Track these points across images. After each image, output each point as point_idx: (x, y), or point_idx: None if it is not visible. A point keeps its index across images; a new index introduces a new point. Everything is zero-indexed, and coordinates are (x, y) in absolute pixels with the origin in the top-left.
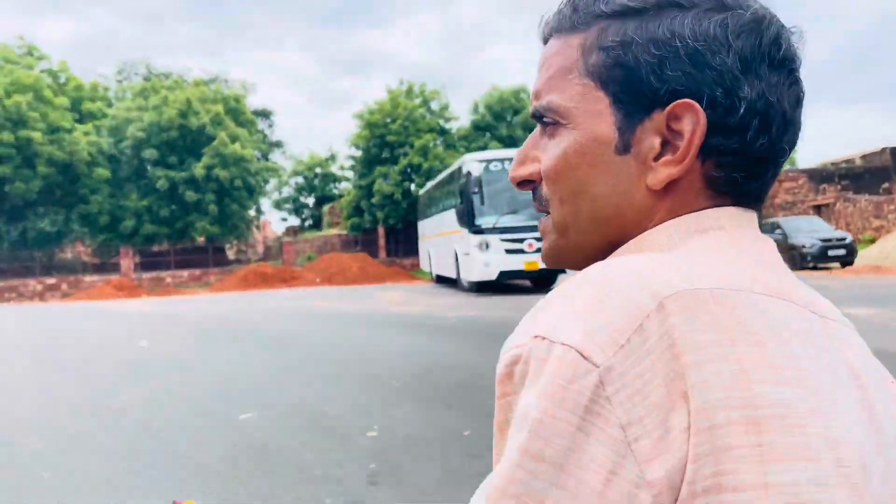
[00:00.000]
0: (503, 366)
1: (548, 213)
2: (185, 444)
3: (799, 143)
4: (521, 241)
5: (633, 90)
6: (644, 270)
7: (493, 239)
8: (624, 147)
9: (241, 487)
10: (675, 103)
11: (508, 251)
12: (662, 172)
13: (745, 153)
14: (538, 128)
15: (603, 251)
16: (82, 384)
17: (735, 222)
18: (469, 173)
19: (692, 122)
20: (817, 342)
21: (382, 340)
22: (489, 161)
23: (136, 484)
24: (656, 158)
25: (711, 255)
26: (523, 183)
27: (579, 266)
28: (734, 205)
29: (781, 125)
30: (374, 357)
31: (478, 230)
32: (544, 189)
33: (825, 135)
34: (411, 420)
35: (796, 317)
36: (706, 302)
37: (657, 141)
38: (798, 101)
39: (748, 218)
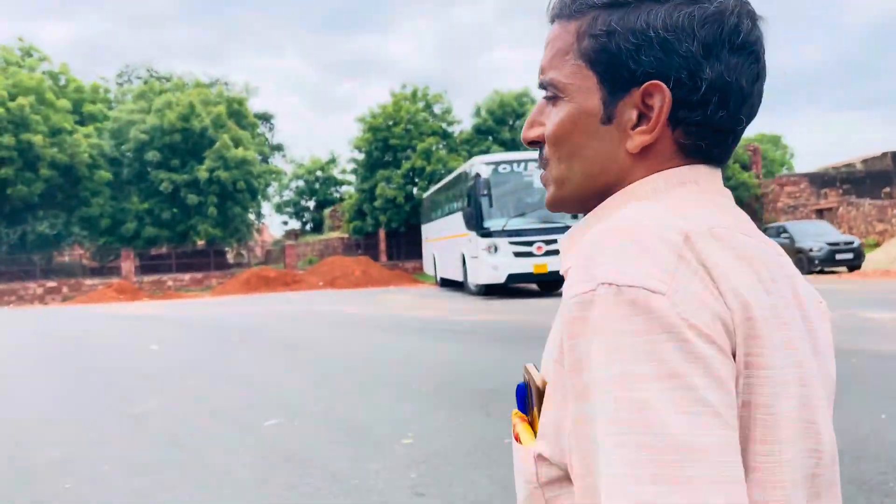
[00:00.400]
0: (575, 310)
1: (547, 169)
2: (212, 452)
3: (798, 146)
4: (530, 244)
5: (615, 71)
6: (657, 216)
7: (502, 242)
8: (608, 118)
9: (275, 499)
10: (647, 83)
11: (517, 254)
12: (637, 139)
13: (707, 124)
14: (543, 97)
15: (592, 200)
16: (99, 390)
17: (705, 178)
18: (478, 175)
19: (660, 99)
20: (780, 269)
21: (400, 344)
22: (498, 164)
23: (164, 496)
24: (633, 128)
25: (694, 203)
26: (532, 143)
27: (575, 210)
28: (703, 164)
29: (739, 100)
30: (395, 361)
31: (486, 233)
32: (546, 149)
33: (825, 139)
34: (447, 428)
35: (766, 251)
36: (711, 236)
37: (634, 114)
38: (757, 78)
39: (715, 175)
